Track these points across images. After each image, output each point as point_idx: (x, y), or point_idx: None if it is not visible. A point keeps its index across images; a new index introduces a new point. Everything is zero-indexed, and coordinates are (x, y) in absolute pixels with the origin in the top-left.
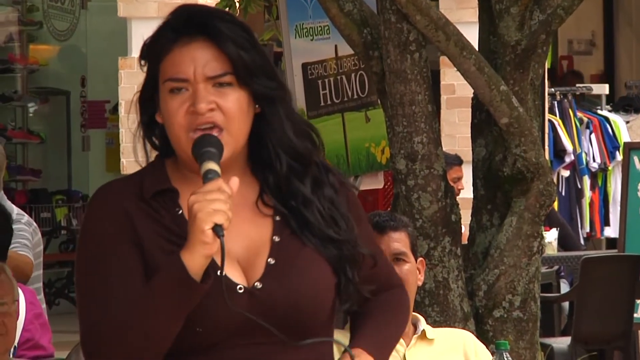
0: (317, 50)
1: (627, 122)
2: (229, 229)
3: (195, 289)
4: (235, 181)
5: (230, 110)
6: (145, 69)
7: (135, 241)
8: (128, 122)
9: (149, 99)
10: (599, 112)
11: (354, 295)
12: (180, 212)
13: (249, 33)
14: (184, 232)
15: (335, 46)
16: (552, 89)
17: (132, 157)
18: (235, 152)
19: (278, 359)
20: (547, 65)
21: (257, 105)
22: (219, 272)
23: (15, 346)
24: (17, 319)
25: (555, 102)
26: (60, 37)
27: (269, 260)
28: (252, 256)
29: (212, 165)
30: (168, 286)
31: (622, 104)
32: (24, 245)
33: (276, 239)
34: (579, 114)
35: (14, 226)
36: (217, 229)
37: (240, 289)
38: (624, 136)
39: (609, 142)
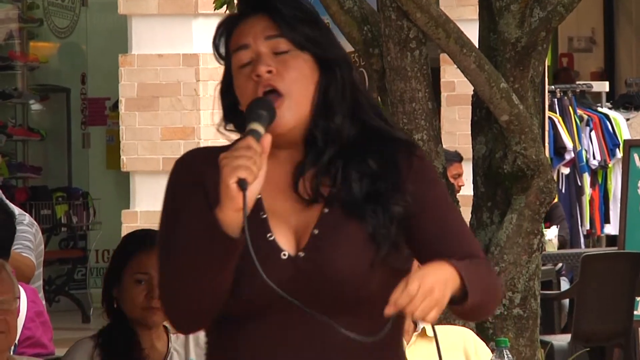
0: None
1: (628, 120)
2: (291, 198)
3: (227, 243)
4: (267, 138)
5: (290, 76)
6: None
7: (207, 207)
8: (128, 119)
9: (227, 91)
10: (599, 109)
11: (400, 263)
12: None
13: (308, 10)
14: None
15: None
16: (552, 87)
17: (133, 154)
18: (301, 120)
19: (318, 327)
20: (547, 62)
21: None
22: (268, 236)
23: (15, 344)
24: (18, 316)
25: (555, 100)
26: (60, 34)
27: (314, 230)
28: (304, 226)
29: (254, 126)
30: (205, 241)
31: (622, 102)
32: (26, 247)
33: (326, 210)
34: (579, 112)
35: (17, 227)
36: (242, 183)
37: (284, 255)
38: (624, 133)
39: (609, 140)
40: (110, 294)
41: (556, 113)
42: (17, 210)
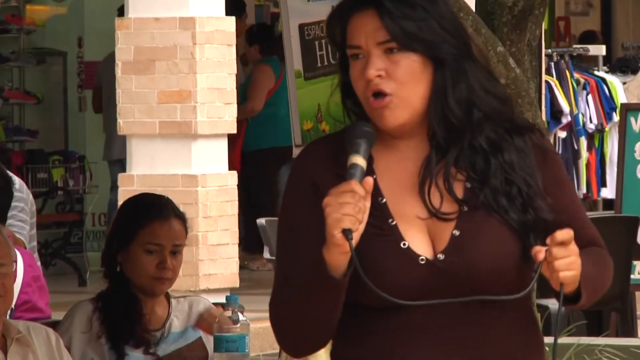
0: (314, 11)
1: (624, 84)
2: (416, 198)
3: (330, 282)
4: (369, 181)
5: (399, 77)
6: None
7: (319, 208)
8: (125, 82)
9: (344, 66)
10: (596, 73)
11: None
12: (374, 177)
13: (416, 3)
14: (375, 201)
15: (332, 7)
16: (549, 50)
17: (130, 118)
18: (414, 115)
19: (458, 327)
20: (544, 26)
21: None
22: (402, 244)
23: (12, 308)
24: (15, 281)
25: (552, 63)
26: None
27: (454, 232)
28: (441, 227)
29: (356, 159)
30: (314, 281)
31: (619, 65)
32: (21, 228)
33: (464, 208)
34: (576, 75)
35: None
36: (346, 233)
37: (422, 260)
38: (621, 97)
39: (606, 103)
40: (114, 258)
41: (553, 77)
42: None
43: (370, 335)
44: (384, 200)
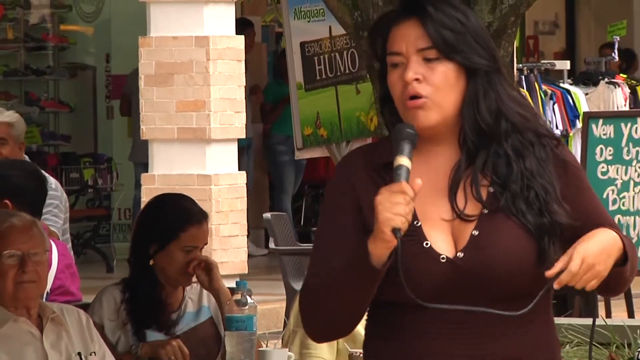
0: (314, 30)
1: (586, 94)
2: (446, 199)
3: (373, 274)
4: (418, 183)
5: (436, 83)
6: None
7: (357, 210)
8: (147, 93)
9: (382, 77)
10: (562, 85)
11: (554, 261)
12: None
13: (462, 14)
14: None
15: (330, 27)
16: (520, 65)
17: (151, 125)
18: (445, 119)
19: (474, 325)
20: (515, 43)
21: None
22: (425, 244)
23: (47, 292)
24: (50, 268)
25: (523, 77)
26: (87, 18)
27: (473, 232)
28: (462, 227)
29: (402, 160)
30: (354, 268)
31: (582, 78)
32: (55, 222)
33: (485, 211)
34: (544, 87)
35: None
36: (396, 232)
37: (442, 258)
38: (583, 106)
39: (570, 112)
40: (147, 251)
41: (524, 88)
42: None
43: (394, 331)
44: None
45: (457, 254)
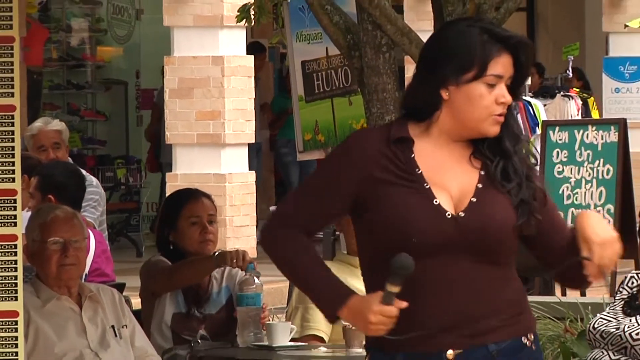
0: (313, 51)
1: (545, 105)
2: (450, 173)
3: (326, 309)
4: (401, 305)
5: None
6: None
7: (362, 178)
8: (171, 104)
9: (416, 94)
10: (523, 97)
11: (533, 227)
12: (413, 156)
13: (532, 55)
14: (412, 171)
15: (326, 48)
16: None
17: (174, 131)
18: None
19: (475, 274)
20: None
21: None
22: (434, 201)
23: (86, 274)
24: (88, 253)
25: None
26: (120, 40)
27: (472, 199)
28: (462, 195)
29: (395, 289)
30: (322, 289)
31: (541, 92)
32: (92, 214)
33: (480, 186)
34: None
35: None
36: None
37: (448, 215)
38: (542, 116)
39: (531, 120)
40: (166, 238)
41: None
42: (86, 174)
43: (412, 281)
44: (420, 171)
45: (459, 213)
